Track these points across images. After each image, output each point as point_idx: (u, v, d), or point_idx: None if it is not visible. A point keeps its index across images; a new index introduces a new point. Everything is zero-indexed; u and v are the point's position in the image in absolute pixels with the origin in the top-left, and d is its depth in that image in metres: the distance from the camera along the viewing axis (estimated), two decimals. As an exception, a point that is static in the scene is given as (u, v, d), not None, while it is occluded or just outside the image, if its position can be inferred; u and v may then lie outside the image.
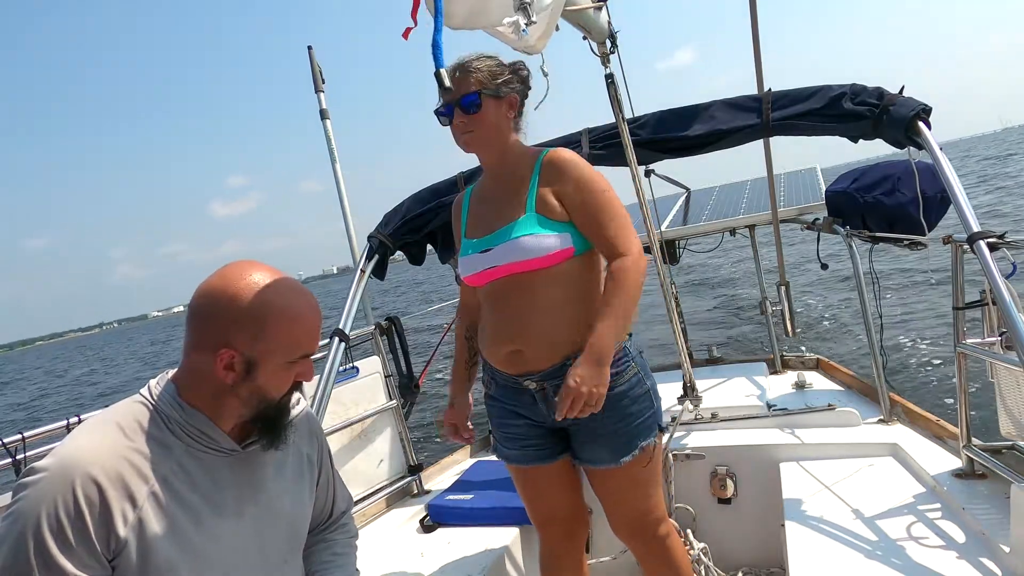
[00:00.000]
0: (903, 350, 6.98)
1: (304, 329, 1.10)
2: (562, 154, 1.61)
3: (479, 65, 1.57)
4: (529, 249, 1.54)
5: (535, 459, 1.73)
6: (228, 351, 1.05)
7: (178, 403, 1.09)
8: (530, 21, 1.42)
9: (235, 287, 1.06)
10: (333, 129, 3.12)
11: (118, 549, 0.99)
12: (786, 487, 2.25)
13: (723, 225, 3.75)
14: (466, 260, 1.66)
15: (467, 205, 1.75)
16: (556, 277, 1.56)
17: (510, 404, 1.72)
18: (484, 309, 1.71)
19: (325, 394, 2.34)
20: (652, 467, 1.70)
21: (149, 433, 1.06)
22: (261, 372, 1.08)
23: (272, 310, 1.07)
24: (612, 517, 1.75)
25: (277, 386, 1.12)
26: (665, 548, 1.76)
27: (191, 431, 1.09)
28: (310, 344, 1.13)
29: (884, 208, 2.73)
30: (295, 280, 1.13)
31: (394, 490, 2.72)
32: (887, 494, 2.08)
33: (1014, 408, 1.95)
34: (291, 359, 1.10)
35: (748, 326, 9.46)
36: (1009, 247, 1.79)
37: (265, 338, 1.06)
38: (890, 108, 2.18)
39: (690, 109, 2.54)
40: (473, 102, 1.55)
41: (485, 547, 2.23)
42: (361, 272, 2.77)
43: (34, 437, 1.84)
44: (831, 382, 3.24)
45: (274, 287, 1.08)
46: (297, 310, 1.09)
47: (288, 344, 1.09)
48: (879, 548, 1.80)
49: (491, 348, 1.67)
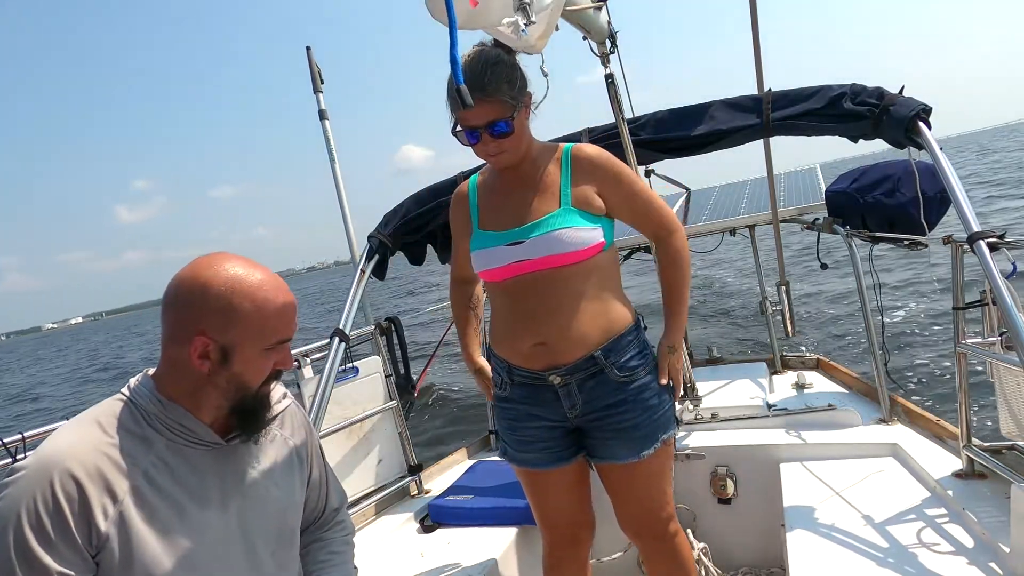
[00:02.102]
0: (903, 350, 6.98)
1: (277, 313, 1.10)
2: (590, 149, 1.63)
3: (498, 81, 1.47)
4: (567, 242, 1.53)
5: (549, 462, 1.71)
6: (201, 339, 1.06)
7: (156, 397, 1.10)
8: (530, 21, 1.42)
9: (205, 275, 1.07)
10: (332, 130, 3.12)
11: (100, 544, 0.99)
12: (786, 487, 2.25)
13: (723, 225, 3.75)
14: (486, 252, 1.61)
15: (475, 197, 1.71)
16: (586, 270, 1.57)
17: (526, 405, 1.68)
18: (499, 303, 1.67)
19: (325, 394, 2.34)
20: (669, 462, 1.71)
21: (128, 429, 1.07)
22: (236, 359, 1.09)
23: (243, 295, 1.07)
24: (624, 513, 1.73)
25: (254, 374, 1.12)
26: (675, 547, 1.75)
27: (171, 425, 1.09)
28: (285, 329, 1.12)
29: (884, 208, 2.74)
30: (267, 269, 1.14)
31: (394, 490, 2.72)
32: (887, 494, 2.08)
33: (1014, 408, 1.95)
34: (266, 345, 1.10)
35: (748, 326, 9.46)
36: (1009, 247, 1.79)
37: (237, 324, 1.07)
38: (890, 108, 2.18)
39: (690, 109, 2.54)
40: (504, 130, 1.51)
41: (485, 547, 2.22)
42: (361, 272, 2.77)
43: (34, 437, 1.84)
44: (831, 382, 3.24)
45: (244, 274, 1.09)
46: (268, 295, 1.09)
47: (261, 329, 1.09)
48: (879, 548, 1.80)
49: (511, 343, 1.64)
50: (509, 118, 1.50)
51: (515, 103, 1.51)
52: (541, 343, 1.58)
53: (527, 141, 1.61)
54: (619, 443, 1.63)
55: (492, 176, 1.71)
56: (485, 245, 1.62)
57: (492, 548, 2.21)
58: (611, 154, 1.65)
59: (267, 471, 1.22)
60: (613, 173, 1.61)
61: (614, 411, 1.61)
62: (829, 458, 2.39)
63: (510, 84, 1.50)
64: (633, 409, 1.61)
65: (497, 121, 1.49)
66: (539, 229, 1.55)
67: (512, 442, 1.73)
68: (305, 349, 2.57)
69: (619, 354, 1.60)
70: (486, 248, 1.62)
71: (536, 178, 1.62)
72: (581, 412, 1.63)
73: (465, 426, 7.18)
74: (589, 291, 1.58)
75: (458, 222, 1.75)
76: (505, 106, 1.49)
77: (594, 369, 1.59)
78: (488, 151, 1.55)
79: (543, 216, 1.56)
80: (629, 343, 1.62)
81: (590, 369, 1.59)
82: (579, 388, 1.61)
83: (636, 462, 1.63)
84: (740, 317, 10.13)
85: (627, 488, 1.69)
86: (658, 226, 1.67)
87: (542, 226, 1.55)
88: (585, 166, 1.60)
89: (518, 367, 1.65)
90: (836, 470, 2.30)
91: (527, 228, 1.57)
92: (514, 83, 1.51)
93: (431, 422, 7.61)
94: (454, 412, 7.92)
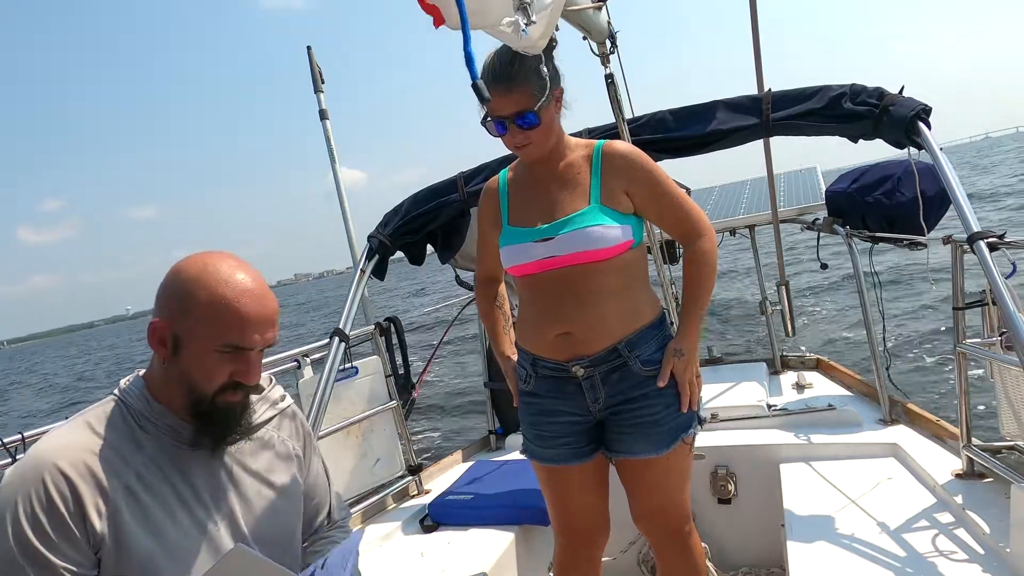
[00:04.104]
0: (903, 350, 6.98)
1: (235, 314, 1.04)
2: (621, 146, 1.62)
3: (526, 72, 1.48)
4: (597, 239, 1.53)
5: (569, 458, 1.69)
6: (157, 319, 1.05)
7: (145, 397, 1.09)
8: (530, 21, 1.42)
9: (183, 264, 1.06)
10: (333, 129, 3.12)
11: (96, 543, 0.99)
12: (786, 487, 2.25)
13: (723, 225, 3.75)
14: (517, 248, 1.61)
15: (506, 192, 1.71)
16: (614, 266, 1.57)
17: (550, 398, 1.68)
18: (525, 296, 1.67)
19: (325, 394, 2.34)
20: (688, 461, 1.70)
21: (119, 429, 1.06)
22: (185, 351, 1.05)
23: (202, 286, 1.04)
24: (640, 507, 1.71)
25: (204, 374, 1.07)
26: (689, 545, 1.74)
27: (160, 425, 1.08)
28: (242, 334, 1.05)
29: (884, 208, 2.74)
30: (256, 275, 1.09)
31: (394, 490, 2.72)
32: (887, 494, 2.08)
33: (1015, 408, 1.95)
34: (218, 344, 1.05)
35: (748, 326, 9.46)
36: (1009, 247, 1.79)
37: (190, 312, 1.04)
38: (890, 108, 2.18)
39: (690, 109, 2.54)
40: (531, 122, 1.50)
41: (485, 547, 2.22)
42: (361, 272, 2.77)
43: (33, 437, 1.84)
44: (831, 382, 3.24)
45: (219, 269, 1.05)
46: (229, 292, 1.04)
47: (213, 326, 1.04)
48: (879, 548, 1.80)
49: (537, 334, 1.64)
50: (537, 110, 1.50)
51: (543, 95, 1.50)
52: (566, 333, 1.59)
53: (556, 134, 1.61)
54: (639, 438, 1.62)
55: (522, 171, 1.70)
56: (515, 241, 1.62)
57: (492, 548, 2.21)
58: (643, 152, 1.63)
59: (262, 473, 1.20)
60: (644, 172, 1.60)
61: (636, 405, 1.60)
62: (829, 458, 2.39)
63: (538, 75, 1.49)
64: (655, 404, 1.60)
65: (524, 112, 1.49)
66: (569, 226, 1.55)
67: (534, 437, 1.73)
68: (305, 349, 2.57)
69: (642, 347, 1.60)
70: (516, 244, 1.62)
71: (567, 174, 1.61)
72: (604, 405, 1.63)
73: (465, 426, 7.18)
74: (616, 286, 1.58)
75: (488, 217, 1.74)
76: (533, 97, 1.49)
77: (618, 362, 1.60)
78: (515, 142, 1.55)
79: (573, 213, 1.57)
80: (653, 337, 1.62)
81: (614, 362, 1.59)
82: (603, 381, 1.61)
83: (655, 458, 1.62)
84: (739, 317, 10.14)
85: (644, 483, 1.68)
86: (688, 228, 1.65)
87: (572, 223, 1.55)
88: (616, 164, 1.60)
89: (542, 358, 1.65)
90: (836, 470, 2.30)
91: (557, 225, 1.57)
92: (543, 75, 1.50)
93: (431, 422, 7.61)
94: (454, 412, 7.92)
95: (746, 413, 2.77)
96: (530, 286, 1.64)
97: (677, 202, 1.63)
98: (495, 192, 1.73)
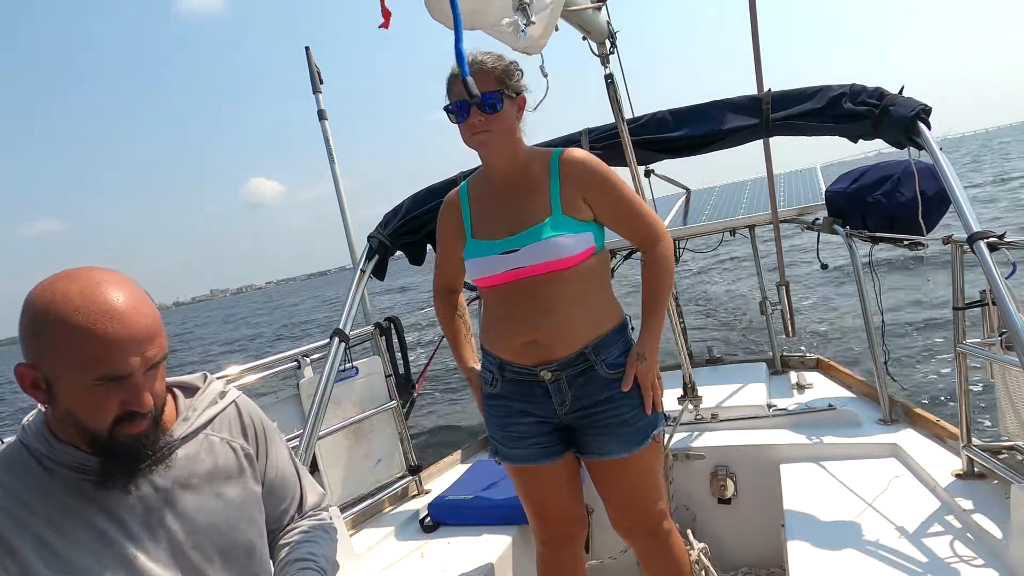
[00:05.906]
0: (903, 350, 6.98)
1: (97, 344, 0.90)
2: (578, 154, 1.63)
3: (496, 64, 1.55)
4: (560, 249, 1.56)
5: (540, 457, 1.71)
6: (22, 364, 0.93)
7: (44, 436, 0.99)
8: (530, 21, 1.42)
9: (32, 296, 0.92)
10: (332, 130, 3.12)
11: None
12: (786, 487, 2.25)
13: (723, 225, 3.75)
14: (481, 261, 1.64)
15: (467, 205, 1.73)
16: (577, 273, 1.59)
17: (517, 401, 1.70)
18: (491, 304, 1.70)
19: (325, 394, 2.34)
20: (659, 458, 1.73)
21: (20, 475, 0.96)
22: (59, 392, 0.94)
23: (55, 320, 0.89)
24: (617, 511, 1.73)
25: (90, 412, 0.94)
26: (668, 544, 1.76)
27: (66, 463, 0.98)
28: (110, 364, 0.91)
29: (884, 208, 2.73)
30: (120, 288, 0.94)
31: (394, 490, 2.72)
32: (887, 494, 2.08)
33: (1015, 408, 1.94)
34: (91, 380, 0.91)
35: (747, 326, 9.46)
36: (1009, 247, 1.79)
37: (48, 352, 0.91)
38: (890, 108, 2.19)
39: (690, 109, 2.54)
40: (494, 102, 1.53)
41: (485, 547, 2.22)
42: (361, 272, 2.77)
43: None
44: (831, 382, 3.24)
45: (71, 297, 0.90)
46: (88, 322, 0.89)
47: (76, 360, 0.90)
48: (879, 548, 1.80)
49: (504, 341, 1.66)
50: (500, 94, 1.53)
51: (507, 87, 1.55)
52: (533, 340, 1.61)
53: (516, 141, 1.63)
54: (608, 439, 1.65)
55: (483, 183, 1.72)
56: (481, 254, 1.64)
57: (492, 548, 2.21)
58: (599, 160, 1.65)
59: (203, 485, 1.09)
60: (599, 180, 1.62)
61: (604, 408, 1.63)
62: (829, 458, 2.39)
63: (505, 71, 1.55)
64: (622, 406, 1.63)
65: (490, 92, 1.52)
66: (533, 238, 1.58)
67: (502, 439, 1.75)
68: (305, 349, 2.57)
69: (607, 351, 1.63)
70: (481, 256, 1.64)
71: (526, 184, 1.63)
72: (570, 409, 1.65)
73: (465, 426, 7.18)
74: (580, 292, 1.61)
75: (449, 228, 1.76)
76: (498, 82, 1.53)
77: (584, 366, 1.62)
78: (475, 127, 1.55)
79: (536, 224, 1.59)
80: (617, 341, 1.65)
81: (580, 365, 1.62)
82: (569, 384, 1.63)
83: (626, 458, 1.64)
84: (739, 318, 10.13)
85: (617, 484, 1.70)
86: (644, 234, 1.67)
87: (535, 234, 1.58)
88: (572, 172, 1.61)
89: (509, 363, 1.67)
90: (836, 470, 2.30)
91: (521, 237, 1.59)
92: (510, 72, 1.56)
93: (431, 422, 7.60)
94: (454, 412, 7.92)
95: (746, 413, 2.77)
96: (496, 294, 1.67)
97: (635, 209, 1.65)
98: (456, 203, 1.75)
